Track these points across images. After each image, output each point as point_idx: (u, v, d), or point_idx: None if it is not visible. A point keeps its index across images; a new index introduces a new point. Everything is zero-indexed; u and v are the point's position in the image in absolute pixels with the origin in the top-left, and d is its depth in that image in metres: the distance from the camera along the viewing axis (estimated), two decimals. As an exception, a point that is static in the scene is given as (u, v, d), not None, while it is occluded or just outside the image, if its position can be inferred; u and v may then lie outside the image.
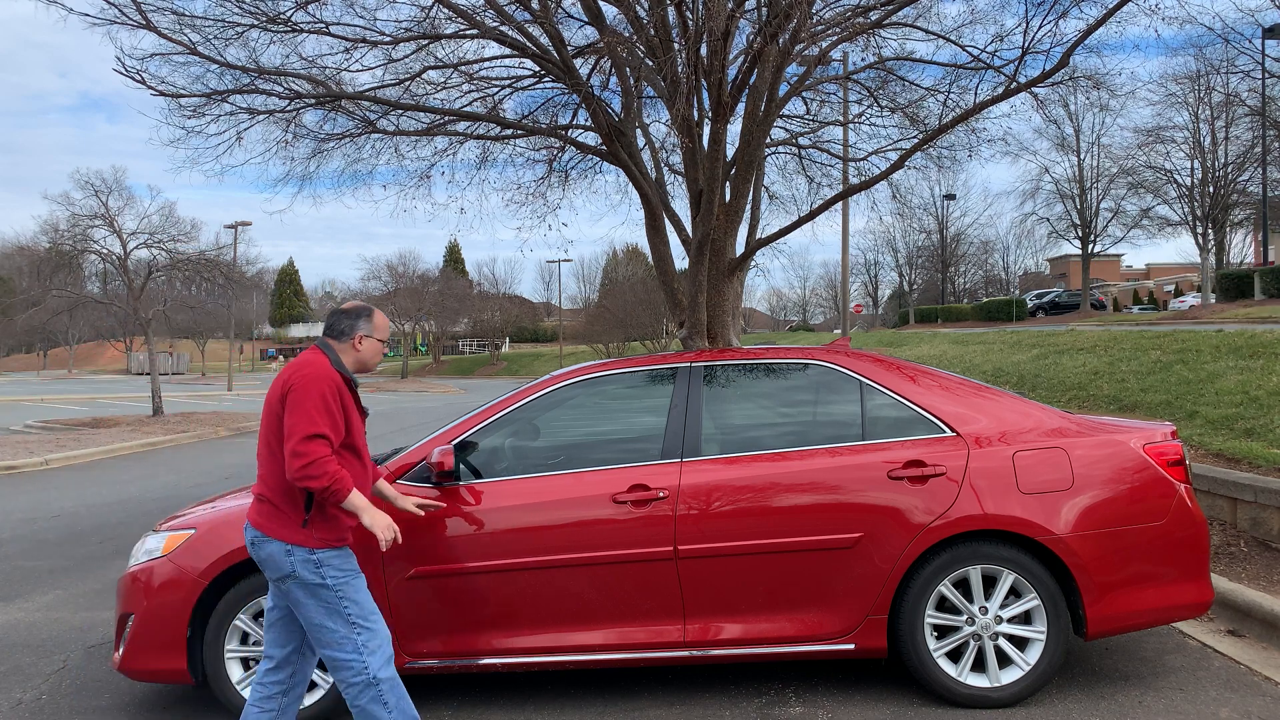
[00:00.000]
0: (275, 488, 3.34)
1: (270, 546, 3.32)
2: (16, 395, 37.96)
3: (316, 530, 3.33)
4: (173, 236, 22.99)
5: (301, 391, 3.27)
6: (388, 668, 3.35)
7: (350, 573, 3.38)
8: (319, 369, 3.34)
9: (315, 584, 3.31)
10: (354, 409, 3.45)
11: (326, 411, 3.27)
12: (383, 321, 3.64)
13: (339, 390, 3.35)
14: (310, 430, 3.21)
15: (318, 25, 8.02)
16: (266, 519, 3.35)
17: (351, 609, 3.34)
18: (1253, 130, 32.69)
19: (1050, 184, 44.10)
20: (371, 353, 3.58)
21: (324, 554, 3.33)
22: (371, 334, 3.56)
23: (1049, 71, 7.07)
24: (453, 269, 78.94)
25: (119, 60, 7.47)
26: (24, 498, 11.08)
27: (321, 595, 3.32)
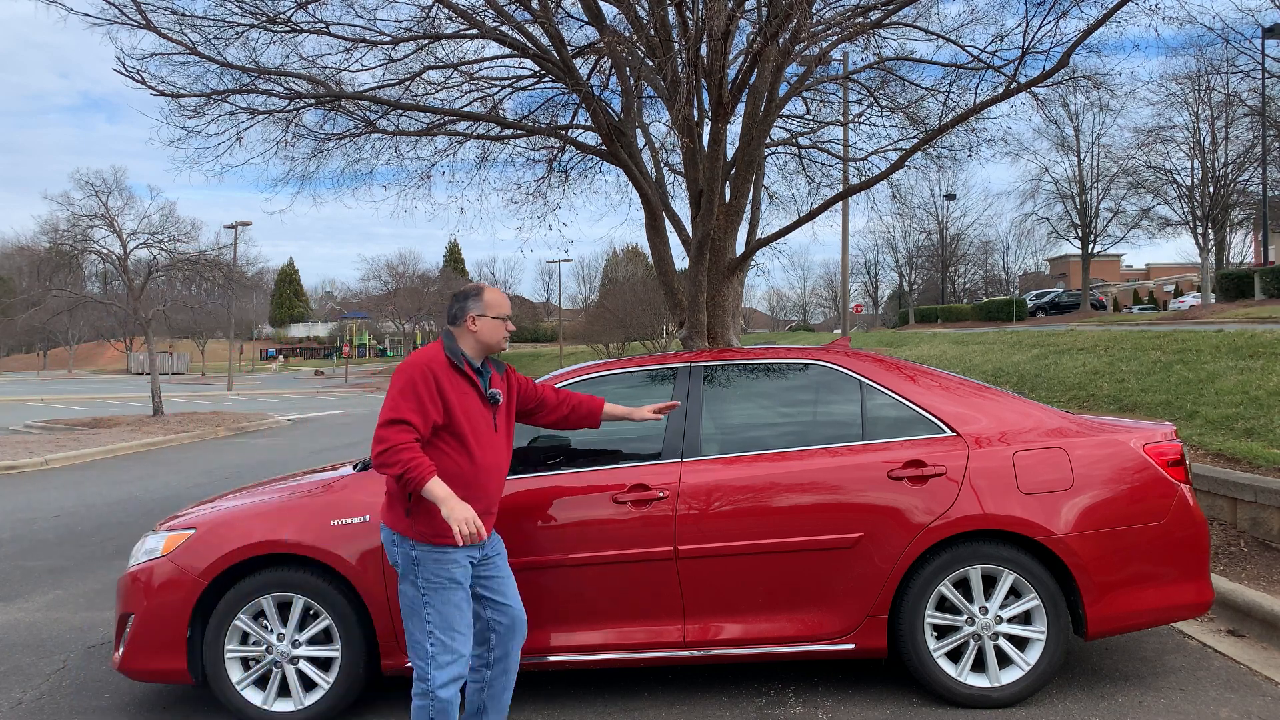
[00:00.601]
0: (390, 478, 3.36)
1: (383, 533, 3.43)
2: (16, 395, 37.96)
3: (417, 522, 3.30)
4: (173, 236, 23.01)
5: (393, 380, 3.33)
6: (450, 689, 3.30)
7: (443, 582, 3.31)
8: (418, 356, 3.35)
9: (409, 579, 3.34)
10: (469, 395, 3.37)
11: (413, 397, 3.24)
12: (495, 298, 3.52)
13: (433, 375, 3.29)
14: (390, 416, 3.22)
15: (318, 25, 8.02)
16: (384, 507, 3.43)
17: (432, 617, 3.31)
18: (1253, 130, 32.70)
19: (1050, 184, 44.16)
20: (489, 332, 3.47)
21: (422, 550, 3.31)
22: (484, 312, 3.47)
23: (1049, 71, 7.07)
24: (453, 269, 78.96)
25: (119, 60, 7.48)
26: (24, 498, 11.08)
27: (408, 592, 3.35)
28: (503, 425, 3.56)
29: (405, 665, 4.08)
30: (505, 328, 3.52)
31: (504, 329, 3.51)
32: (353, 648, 4.05)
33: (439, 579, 3.32)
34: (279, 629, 4.08)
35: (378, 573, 4.03)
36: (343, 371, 60.44)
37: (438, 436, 3.33)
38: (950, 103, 9.31)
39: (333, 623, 4.06)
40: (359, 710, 4.26)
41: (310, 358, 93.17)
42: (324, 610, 4.06)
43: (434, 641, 3.30)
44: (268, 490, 4.58)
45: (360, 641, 4.06)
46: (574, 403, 3.91)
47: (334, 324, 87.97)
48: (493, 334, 3.49)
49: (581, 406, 3.92)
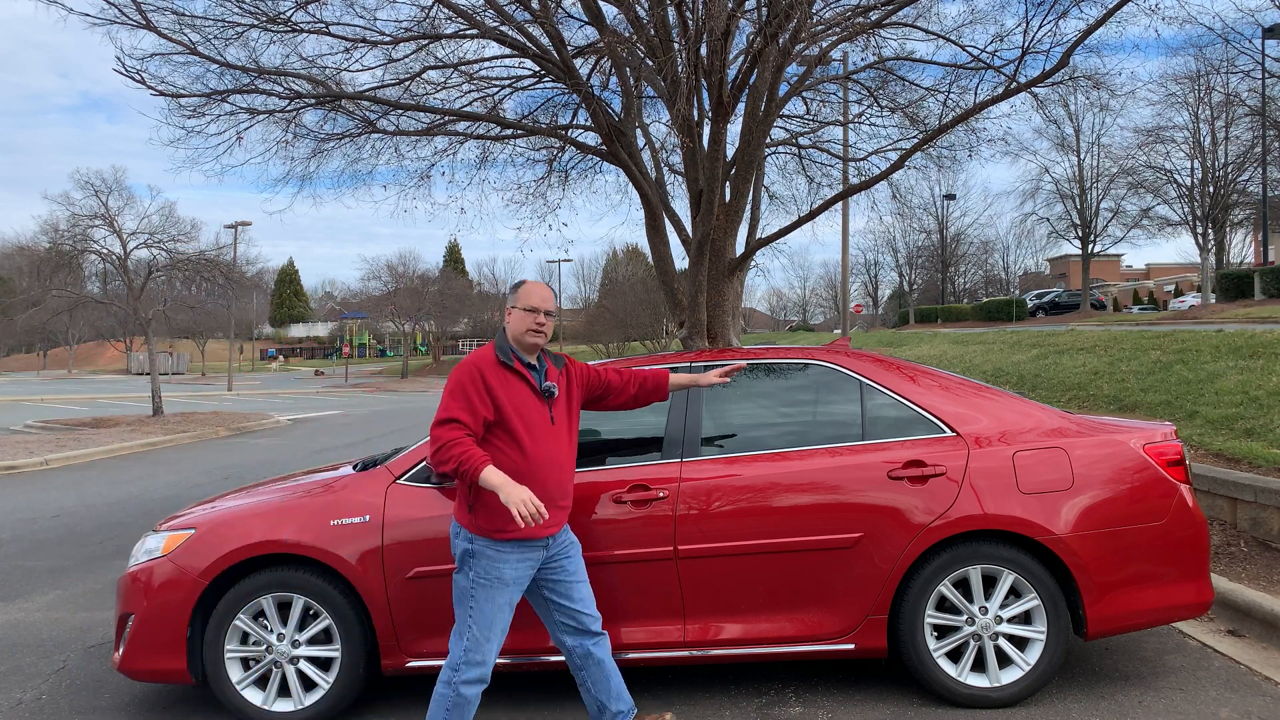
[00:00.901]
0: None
1: (450, 523, 3.56)
2: (16, 395, 37.96)
3: (477, 517, 3.40)
4: (173, 236, 22.98)
5: (450, 378, 3.43)
6: (473, 688, 3.40)
7: (495, 581, 3.39)
8: (468, 358, 3.46)
9: (463, 569, 3.44)
10: (519, 390, 3.43)
11: (461, 396, 3.34)
12: (527, 289, 3.52)
13: (480, 374, 3.38)
14: (440, 417, 3.33)
15: (318, 25, 8.02)
16: (456, 498, 3.53)
17: (474, 612, 3.40)
18: (1253, 130, 32.69)
19: (1050, 184, 44.15)
20: (516, 321, 3.49)
21: (480, 545, 3.40)
22: (515, 304, 3.51)
23: (1049, 71, 7.07)
24: (453, 269, 78.92)
25: (119, 60, 7.48)
26: (24, 498, 11.08)
27: (460, 581, 3.45)
28: (561, 418, 3.57)
29: (405, 665, 4.09)
30: (533, 320, 3.48)
31: (530, 321, 3.48)
32: (353, 648, 4.05)
33: (489, 576, 3.40)
34: (279, 629, 4.08)
35: (378, 573, 4.04)
36: (343, 371, 60.43)
37: (491, 433, 3.42)
38: (950, 103, 9.32)
39: (333, 623, 4.06)
40: (359, 710, 4.26)
41: (310, 358, 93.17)
42: (324, 610, 4.06)
43: (470, 637, 3.39)
44: (268, 490, 4.58)
45: (360, 641, 4.06)
46: (640, 379, 3.95)
47: (334, 324, 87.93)
48: (518, 325, 3.49)
49: (648, 381, 3.96)
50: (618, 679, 3.67)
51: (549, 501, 3.46)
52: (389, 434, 18.55)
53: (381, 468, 4.28)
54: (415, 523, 4.08)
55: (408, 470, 4.21)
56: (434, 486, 4.14)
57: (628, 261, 70.86)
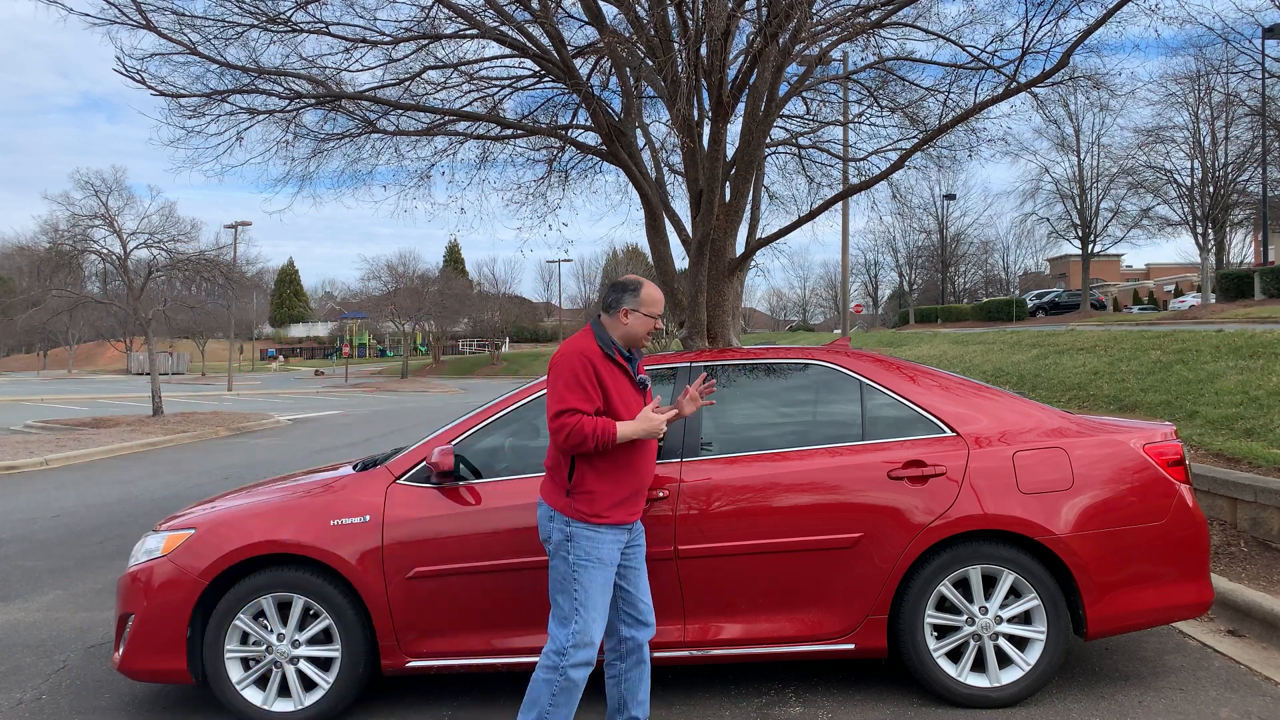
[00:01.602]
0: (550, 457, 3.55)
1: (541, 509, 3.56)
2: (16, 395, 37.95)
3: (576, 501, 3.44)
4: (173, 236, 22.96)
5: (553, 373, 3.46)
6: (582, 671, 3.41)
7: (595, 561, 3.44)
8: (572, 347, 3.47)
9: (561, 554, 3.45)
10: (622, 381, 3.51)
11: (576, 386, 3.38)
12: (651, 295, 3.60)
13: (591, 363, 3.43)
14: (559, 407, 3.36)
15: (318, 25, 8.02)
16: (545, 483, 3.57)
17: (579, 593, 3.42)
18: (1253, 130, 32.69)
19: (1050, 184, 44.15)
20: (638, 327, 3.57)
21: (578, 528, 3.43)
22: (638, 308, 3.56)
23: (1049, 71, 7.07)
24: (453, 269, 78.90)
25: (119, 60, 7.48)
26: (24, 498, 11.08)
27: (559, 566, 3.46)
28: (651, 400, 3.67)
29: (405, 665, 4.09)
30: (654, 324, 3.63)
31: (652, 326, 3.62)
32: (353, 648, 4.05)
33: (591, 556, 3.44)
34: (279, 629, 4.09)
35: (378, 573, 4.04)
36: (343, 372, 60.43)
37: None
38: (950, 103, 9.31)
39: (333, 623, 4.06)
40: (359, 710, 4.26)
41: (310, 358, 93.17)
42: (324, 610, 4.06)
43: (580, 620, 3.41)
44: (268, 490, 4.58)
45: (360, 641, 4.06)
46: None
47: (334, 324, 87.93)
48: (641, 329, 3.59)
49: None
50: (648, 684, 3.71)
51: (645, 489, 3.62)
52: (389, 434, 18.55)
53: (381, 468, 4.28)
54: (415, 523, 4.08)
55: (408, 470, 4.21)
56: (434, 486, 4.14)
57: (628, 261, 70.84)
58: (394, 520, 4.09)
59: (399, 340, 68.72)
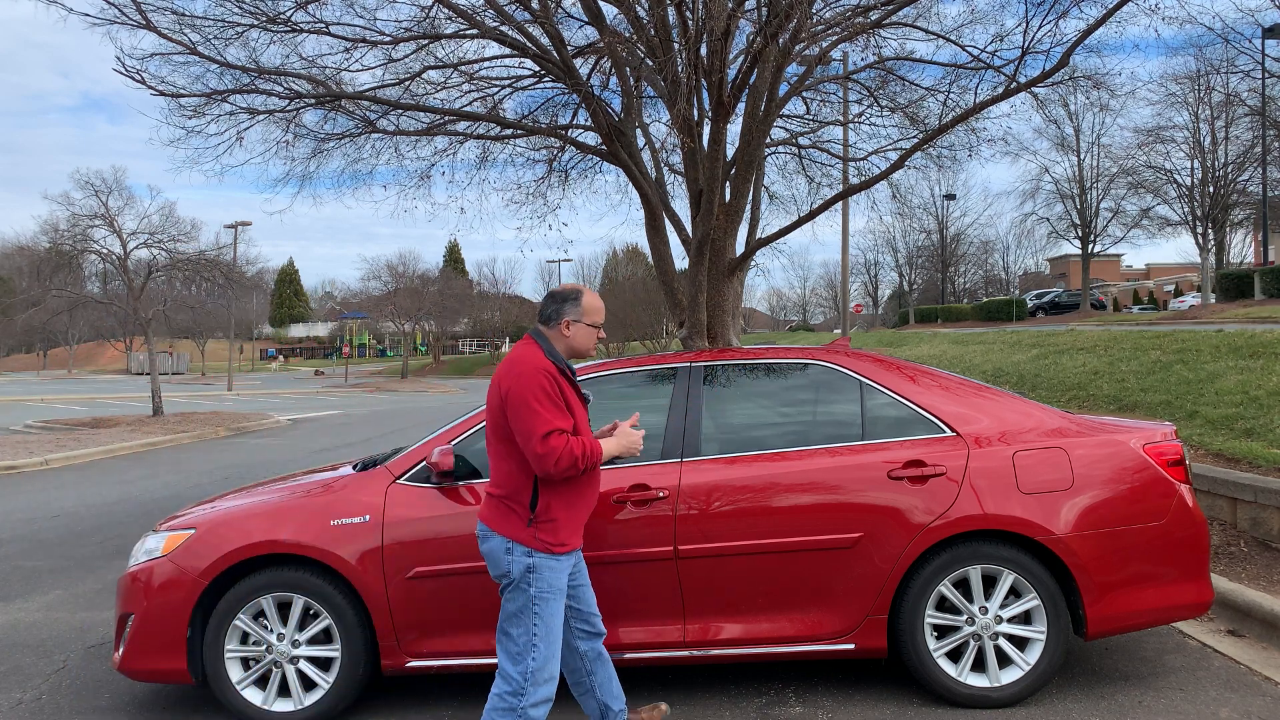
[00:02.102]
0: (504, 484, 3.33)
1: (492, 541, 3.33)
2: (16, 395, 37.95)
3: (540, 532, 3.28)
4: (173, 236, 22.96)
5: (520, 392, 3.22)
6: (542, 709, 3.27)
7: (556, 592, 3.31)
8: (528, 363, 3.27)
9: (522, 586, 3.27)
10: (573, 397, 3.37)
11: (552, 404, 3.22)
12: (593, 304, 3.46)
13: (554, 379, 3.27)
14: (546, 429, 3.18)
15: (318, 25, 8.01)
16: (493, 513, 3.35)
17: (539, 628, 3.27)
18: (1253, 130, 32.69)
19: (1050, 184, 44.16)
20: (582, 338, 3.44)
21: (540, 559, 3.28)
22: (580, 319, 3.42)
23: (1049, 71, 7.07)
24: (453, 269, 78.90)
25: (119, 60, 7.47)
26: (24, 498, 11.08)
27: (518, 599, 3.28)
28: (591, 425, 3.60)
29: (405, 665, 4.09)
30: (597, 334, 3.49)
31: (595, 336, 3.49)
32: (353, 648, 4.05)
33: (552, 588, 3.30)
34: (279, 629, 4.09)
35: (378, 573, 4.04)
36: (342, 371, 60.42)
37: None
38: (950, 103, 9.31)
39: (332, 623, 4.06)
40: (359, 710, 4.26)
41: (310, 358, 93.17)
42: (324, 610, 4.06)
43: (537, 656, 3.26)
44: (267, 490, 4.58)
45: (360, 641, 4.06)
46: None
47: (334, 324, 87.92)
48: (586, 341, 3.46)
49: None
50: (616, 677, 3.70)
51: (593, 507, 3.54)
52: (389, 434, 18.55)
53: (381, 468, 4.28)
54: (415, 523, 4.08)
55: (408, 470, 4.21)
56: (434, 486, 4.14)
57: (628, 261, 70.85)
58: (394, 520, 4.09)
59: (399, 340, 68.73)
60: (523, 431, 3.21)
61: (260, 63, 8.10)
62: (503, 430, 3.31)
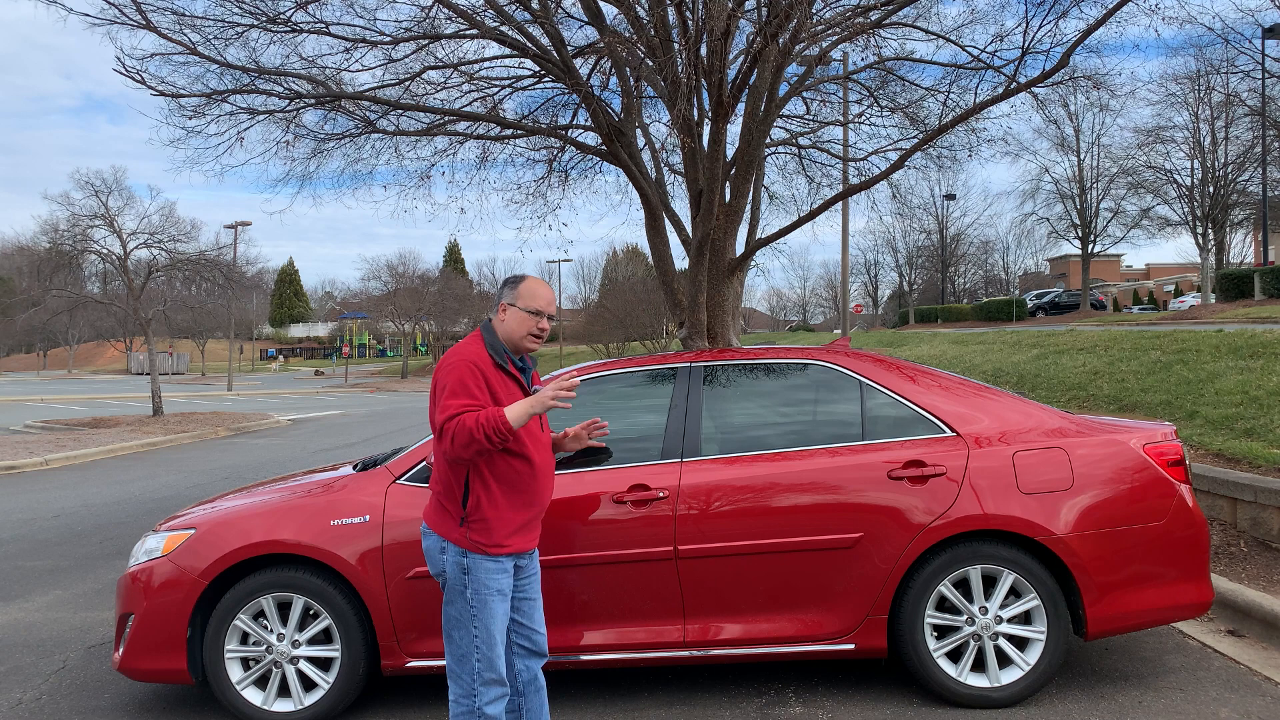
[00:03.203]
0: (439, 482, 3.24)
1: (429, 540, 3.26)
2: (16, 395, 37.94)
3: (472, 531, 3.16)
4: (173, 236, 22.99)
5: (439, 383, 3.13)
6: (498, 705, 3.19)
7: (496, 594, 3.18)
8: (457, 355, 3.15)
9: (457, 588, 3.19)
10: (513, 392, 3.21)
11: (465, 393, 3.06)
12: (530, 289, 3.24)
13: (480, 370, 3.12)
14: (444, 415, 3.04)
15: (318, 25, 8.02)
16: (431, 511, 3.27)
17: (479, 631, 3.17)
18: (1253, 130, 32.70)
19: (1050, 184, 44.21)
20: (515, 323, 3.22)
21: (474, 560, 3.16)
22: (514, 302, 3.22)
23: (1049, 71, 7.07)
24: (453, 269, 78.87)
25: (119, 60, 7.47)
26: (24, 498, 11.08)
27: (456, 603, 3.19)
28: (546, 426, 3.46)
29: (405, 665, 4.09)
30: (535, 324, 3.24)
31: (532, 325, 3.24)
32: (352, 648, 4.05)
33: (489, 590, 3.18)
34: (279, 629, 4.09)
35: (378, 573, 4.04)
36: (342, 371, 60.43)
37: None
38: (950, 103, 9.32)
39: (332, 623, 4.06)
40: (359, 710, 4.26)
41: (310, 358, 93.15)
42: (324, 610, 4.06)
43: (480, 657, 3.17)
44: (268, 490, 4.58)
45: (360, 641, 4.06)
46: None
47: (334, 324, 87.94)
48: (517, 328, 3.24)
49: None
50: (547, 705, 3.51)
51: (542, 515, 3.38)
52: (389, 434, 18.55)
53: (381, 468, 4.28)
54: (415, 523, 4.08)
55: (408, 470, 4.21)
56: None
57: (628, 261, 70.87)
58: (394, 520, 4.09)
59: (399, 340, 68.70)
60: (434, 420, 3.10)
61: (260, 63, 8.11)
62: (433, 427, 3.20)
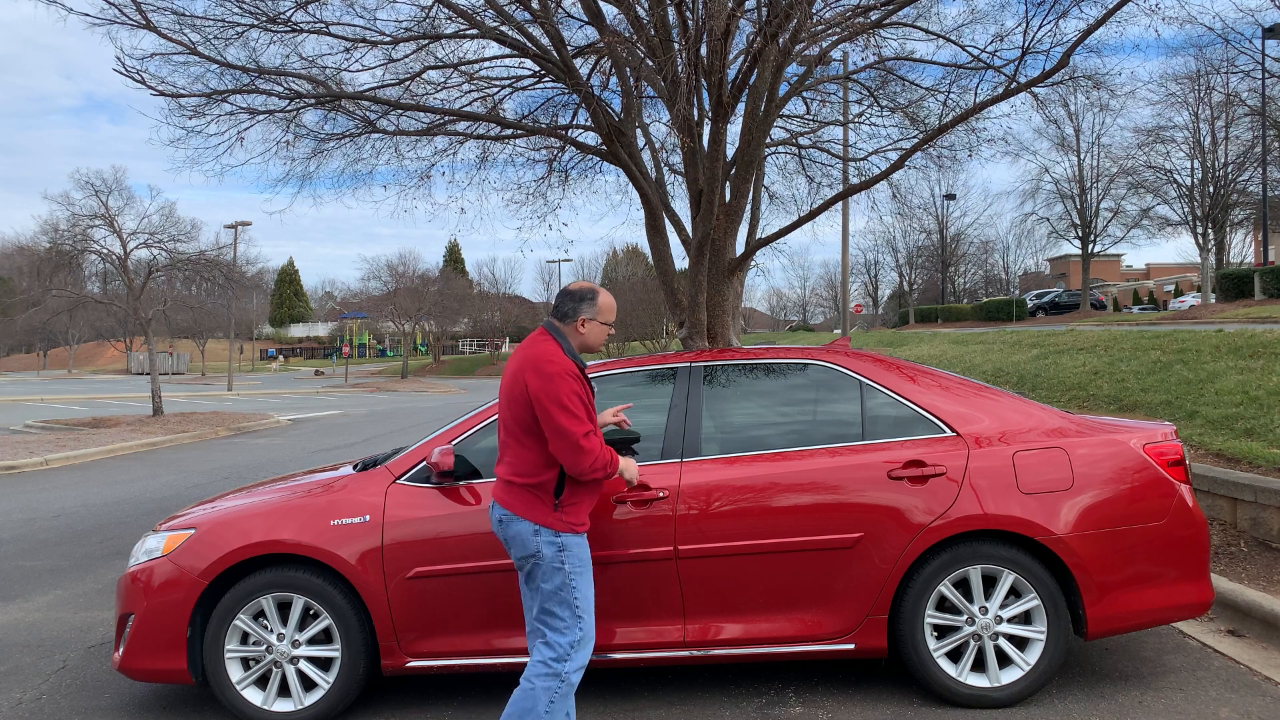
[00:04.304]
0: (526, 472, 3.43)
1: (519, 525, 3.44)
2: (16, 395, 37.94)
3: (565, 515, 3.44)
4: (173, 236, 22.98)
5: (554, 393, 3.34)
6: (579, 673, 3.41)
7: (585, 564, 3.48)
8: (557, 365, 3.38)
9: (555, 567, 3.41)
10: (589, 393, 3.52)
11: (583, 406, 3.38)
12: (607, 304, 3.63)
13: (581, 381, 3.43)
14: (584, 429, 3.35)
15: (318, 25, 8.01)
16: (516, 499, 3.45)
17: (579, 600, 3.42)
18: (1253, 130, 32.73)
19: (1050, 184, 44.20)
20: (595, 336, 3.60)
21: (568, 538, 3.44)
22: (595, 317, 3.58)
23: (1049, 71, 7.07)
24: (453, 269, 78.91)
25: (119, 60, 7.47)
26: (24, 498, 11.08)
27: (554, 579, 3.41)
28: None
29: (405, 665, 4.09)
30: (609, 333, 3.66)
31: (608, 334, 3.66)
32: (352, 648, 4.05)
33: (584, 562, 3.47)
34: (279, 629, 4.09)
35: (378, 573, 4.04)
36: (343, 371, 60.42)
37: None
38: (950, 103, 9.32)
39: (333, 623, 4.06)
40: (359, 710, 4.26)
41: (310, 358, 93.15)
42: (324, 610, 4.06)
43: (581, 627, 3.41)
44: (268, 490, 4.58)
45: (360, 641, 4.06)
46: None
47: (334, 324, 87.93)
48: (599, 339, 3.62)
49: None
50: None
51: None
52: (389, 434, 18.55)
53: (381, 468, 4.28)
54: (415, 523, 4.08)
55: (408, 470, 4.21)
56: (434, 486, 4.14)
57: (628, 261, 70.89)
58: (394, 520, 4.09)
59: (399, 340, 68.72)
60: (558, 430, 3.34)
61: (260, 63, 8.11)
62: (526, 423, 3.40)
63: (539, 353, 3.43)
